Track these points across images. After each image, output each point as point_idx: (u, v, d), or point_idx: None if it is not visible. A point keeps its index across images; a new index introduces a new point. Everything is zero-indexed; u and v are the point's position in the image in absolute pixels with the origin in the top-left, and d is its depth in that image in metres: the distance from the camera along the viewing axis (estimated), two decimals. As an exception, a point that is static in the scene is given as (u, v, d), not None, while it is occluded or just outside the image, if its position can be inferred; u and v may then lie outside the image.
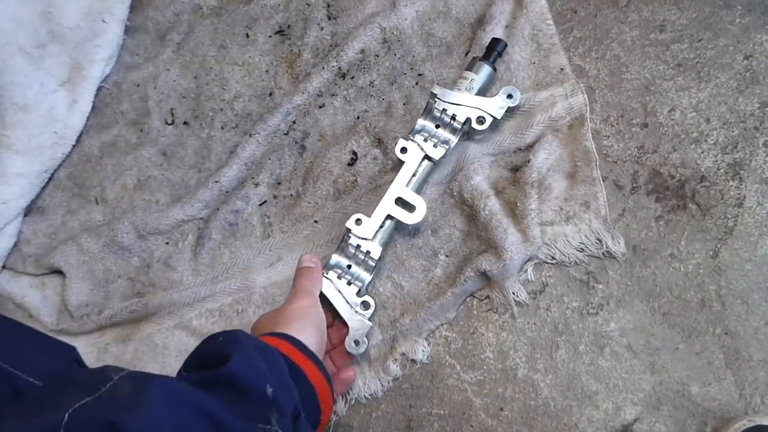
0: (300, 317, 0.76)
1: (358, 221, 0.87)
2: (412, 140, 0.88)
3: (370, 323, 0.86)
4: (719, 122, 0.88)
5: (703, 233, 0.86)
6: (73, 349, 0.69)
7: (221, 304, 0.95)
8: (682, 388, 0.82)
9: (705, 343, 0.83)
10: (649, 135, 0.90)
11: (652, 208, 0.88)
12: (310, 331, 0.74)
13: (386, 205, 0.88)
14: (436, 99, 0.87)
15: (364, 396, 0.89)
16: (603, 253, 0.87)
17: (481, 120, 0.88)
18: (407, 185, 0.88)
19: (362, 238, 0.87)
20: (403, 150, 0.88)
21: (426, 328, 0.89)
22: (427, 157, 0.89)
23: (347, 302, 0.86)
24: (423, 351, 0.89)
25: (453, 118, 0.88)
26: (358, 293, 0.87)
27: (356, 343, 0.85)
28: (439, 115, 0.88)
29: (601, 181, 0.88)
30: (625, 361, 0.84)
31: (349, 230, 0.87)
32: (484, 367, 0.88)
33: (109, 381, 0.50)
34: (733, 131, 0.87)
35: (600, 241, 0.87)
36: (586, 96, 0.90)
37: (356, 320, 0.85)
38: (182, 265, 0.98)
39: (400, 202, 0.88)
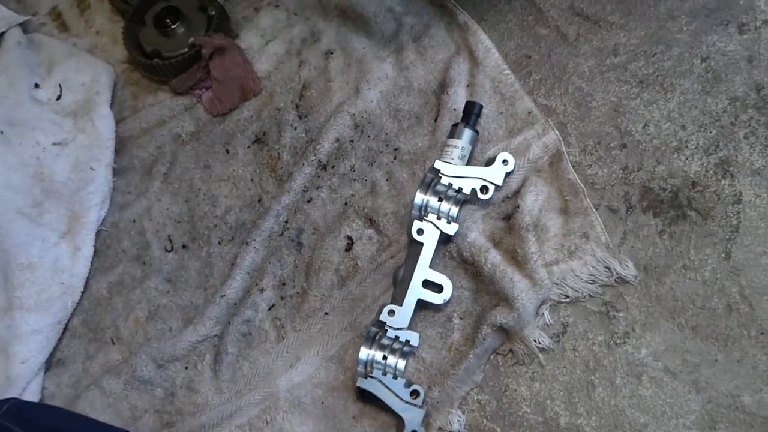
0: None
1: (391, 312, 0.87)
2: (427, 220, 0.88)
3: (424, 409, 0.84)
4: (695, 126, 0.88)
5: (710, 237, 0.84)
6: None
7: (249, 417, 0.93)
8: (734, 401, 0.78)
9: (743, 348, 0.79)
10: (630, 154, 0.90)
11: (652, 224, 0.87)
12: None
13: (416, 291, 0.87)
14: (440, 174, 0.88)
15: (411, 481, 0.85)
16: (615, 280, 0.85)
17: (484, 189, 0.89)
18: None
19: (399, 329, 0.87)
20: (420, 231, 0.88)
21: (457, 397, 0.87)
22: (442, 234, 0.89)
23: (396, 395, 0.84)
24: (459, 420, 0.85)
25: (458, 191, 0.89)
26: (405, 384, 0.86)
27: None
28: (444, 189, 0.89)
29: (594, 210, 0.87)
30: (666, 385, 0.80)
31: (384, 324, 0.87)
32: (525, 423, 0.84)
33: None
34: (710, 131, 0.87)
35: (608, 268, 0.85)
36: (557, 132, 0.91)
37: (410, 411, 0.83)
38: (204, 386, 0.97)
39: (426, 283, 0.88)
